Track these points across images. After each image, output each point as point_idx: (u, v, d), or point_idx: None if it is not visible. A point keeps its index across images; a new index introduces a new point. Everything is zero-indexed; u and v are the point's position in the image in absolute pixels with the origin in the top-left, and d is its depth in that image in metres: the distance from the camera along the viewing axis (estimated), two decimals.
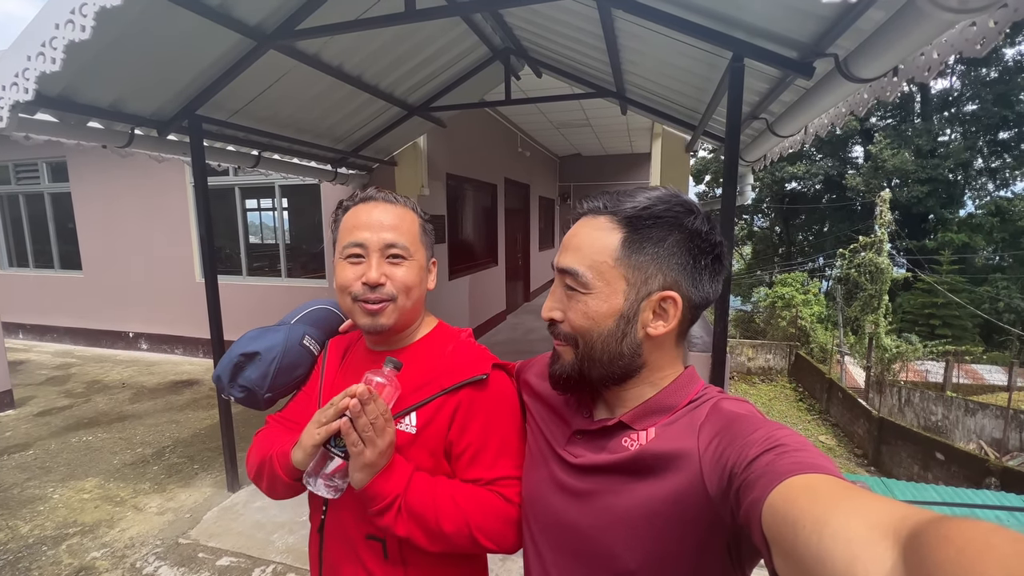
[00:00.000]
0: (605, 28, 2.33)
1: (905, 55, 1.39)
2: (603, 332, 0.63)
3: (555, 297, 0.68)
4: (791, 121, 2.23)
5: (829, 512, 0.37)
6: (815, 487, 0.41)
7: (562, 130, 8.56)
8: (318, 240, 5.55)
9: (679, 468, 0.58)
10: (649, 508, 0.59)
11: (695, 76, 2.56)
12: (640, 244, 0.61)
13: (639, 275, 0.62)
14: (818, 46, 1.63)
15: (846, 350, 13.57)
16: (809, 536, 0.37)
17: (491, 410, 0.82)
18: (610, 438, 0.66)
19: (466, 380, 0.81)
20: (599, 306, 0.62)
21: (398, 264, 0.82)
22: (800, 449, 0.48)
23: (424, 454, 0.81)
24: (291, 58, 2.66)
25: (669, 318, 0.62)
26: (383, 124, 3.98)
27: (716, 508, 0.53)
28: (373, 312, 0.81)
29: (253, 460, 0.87)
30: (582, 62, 3.35)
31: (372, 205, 0.84)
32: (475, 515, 0.75)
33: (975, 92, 18.74)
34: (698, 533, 0.56)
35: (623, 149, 10.51)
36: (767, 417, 0.57)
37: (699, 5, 1.78)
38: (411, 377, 0.83)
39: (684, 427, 0.61)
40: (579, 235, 0.65)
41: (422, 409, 0.81)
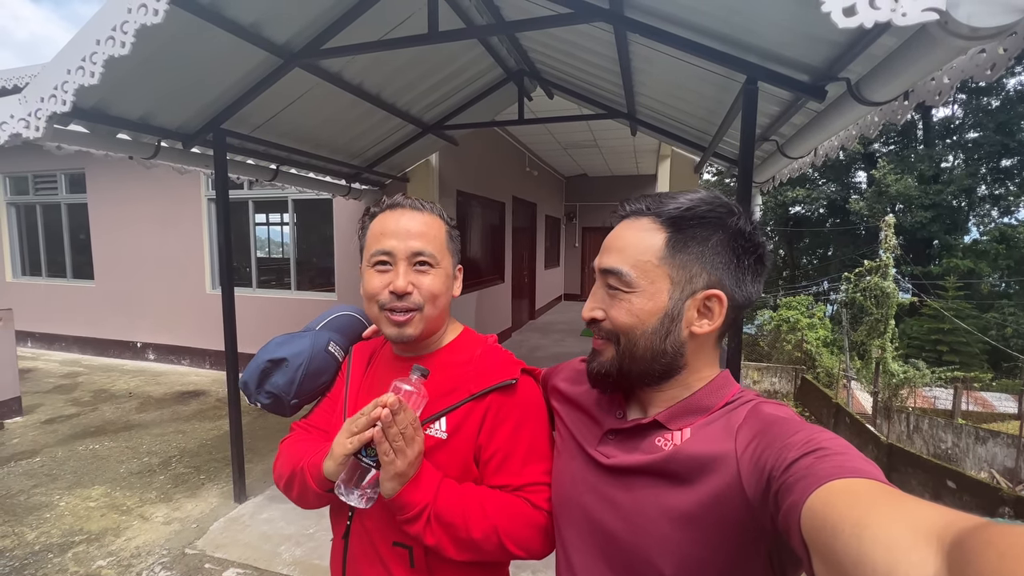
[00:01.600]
0: (620, 51, 2.40)
1: (916, 80, 1.44)
2: (647, 330, 0.63)
3: (596, 298, 0.68)
4: (802, 143, 2.29)
5: (870, 516, 0.37)
6: (856, 491, 0.40)
7: (570, 150, 8.70)
8: (328, 254, 5.61)
9: (716, 471, 0.56)
10: (685, 511, 0.57)
11: (706, 99, 2.63)
12: (684, 243, 0.62)
13: (684, 274, 0.62)
14: (831, 70, 1.68)
15: (853, 375, 13.43)
16: (849, 540, 0.36)
17: (520, 415, 0.82)
18: (643, 438, 0.65)
19: (495, 385, 0.81)
20: (644, 304, 0.62)
21: (425, 272, 0.82)
22: (842, 453, 0.47)
23: (454, 459, 0.81)
24: (315, 76, 2.75)
25: (714, 317, 0.62)
26: (398, 141, 4.07)
27: (755, 512, 0.52)
28: (400, 323, 0.81)
29: (283, 470, 0.86)
30: (594, 84, 3.44)
31: (400, 212, 0.84)
32: (504, 522, 0.75)
33: (976, 120, 18.96)
34: (737, 539, 0.54)
35: (629, 170, 10.64)
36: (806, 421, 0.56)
37: (714, 30, 1.84)
38: (439, 382, 0.83)
39: (721, 429, 0.60)
40: (622, 236, 0.66)
41: (451, 414, 0.81)
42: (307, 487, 0.80)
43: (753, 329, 17.90)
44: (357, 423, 0.71)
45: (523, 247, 8.62)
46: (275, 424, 4.31)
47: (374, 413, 0.69)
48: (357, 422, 0.71)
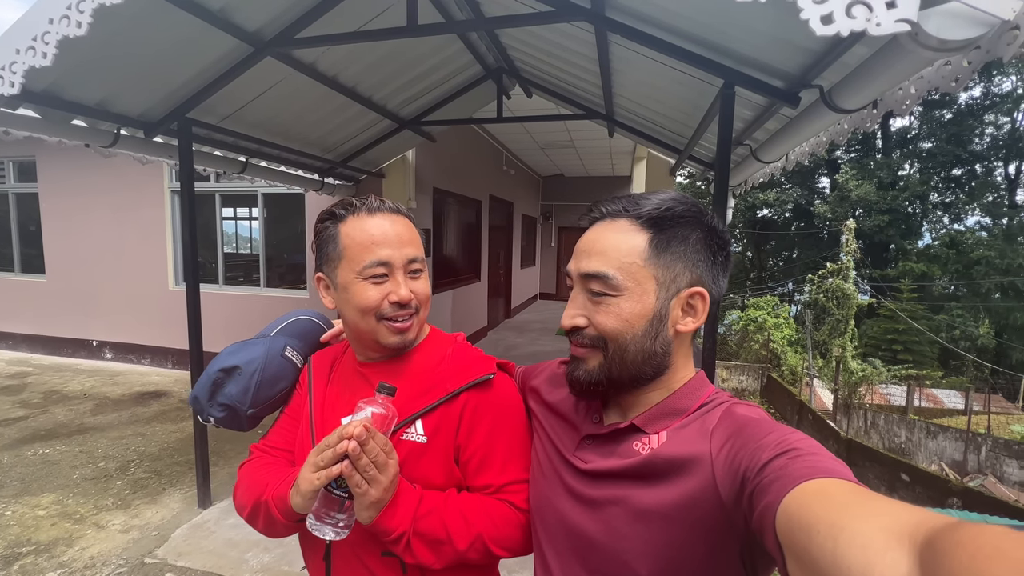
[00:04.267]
0: (600, 52, 2.41)
1: (885, 89, 1.49)
2: (637, 333, 0.62)
3: (577, 304, 0.66)
4: (774, 148, 2.34)
5: (844, 517, 0.37)
6: (829, 492, 0.41)
7: (546, 150, 8.72)
8: (299, 250, 5.46)
9: (691, 473, 0.57)
10: (661, 513, 0.58)
11: (683, 102, 2.67)
12: (667, 243, 0.62)
13: (668, 273, 0.62)
14: (804, 77, 1.73)
15: (815, 373, 13.98)
16: (824, 541, 0.36)
17: (497, 413, 0.81)
18: (621, 442, 0.65)
19: (472, 382, 0.80)
20: (632, 307, 0.62)
21: (417, 278, 0.81)
22: (813, 453, 0.47)
23: (436, 463, 0.78)
24: (287, 66, 2.66)
25: (698, 314, 0.63)
26: (374, 136, 3.99)
27: (729, 513, 0.53)
28: (404, 330, 0.79)
29: (244, 500, 0.81)
30: (573, 84, 3.45)
31: (382, 217, 0.80)
32: (488, 528, 0.75)
33: (931, 131, 19.98)
34: (711, 539, 0.55)
35: (605, 171, 10.75)
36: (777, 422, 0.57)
37: (693, 34, 1.87)
38: (414, 384, 0.81)
39: (696, 431, 0.60)
40: (601, 239, 0.64)
41: (428, 416, 0.79)
42: (274, 520, 0.76)
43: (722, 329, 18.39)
44: (323, 456, 0.65)
45: (499, 246, 8.60)
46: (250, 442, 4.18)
47: (340, 447, 0.64)
48: (323, 455, 0.65)
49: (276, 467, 0.84)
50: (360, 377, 0.86)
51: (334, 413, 0.84)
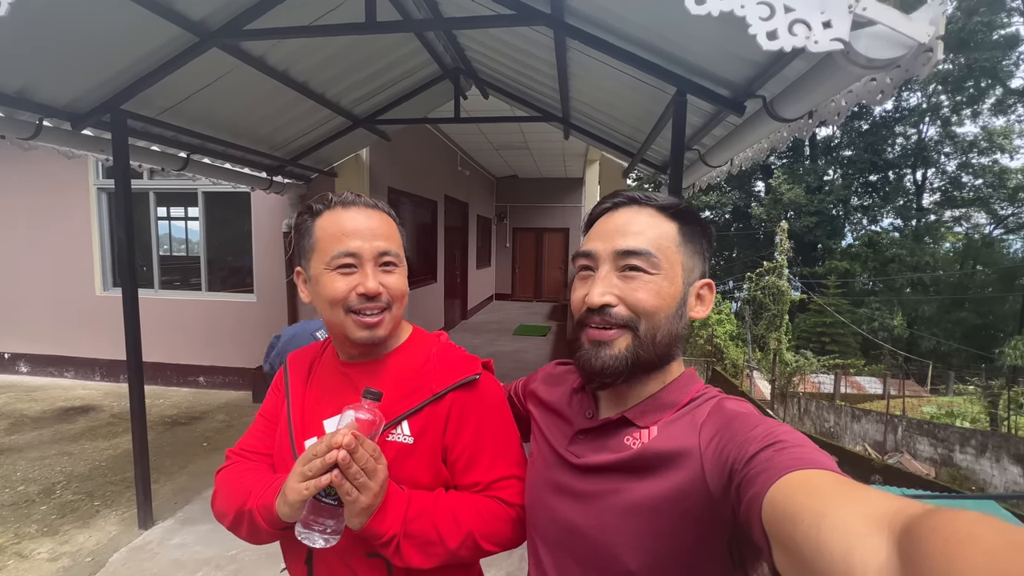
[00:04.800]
0: (558, 56, 2.47)
1: (820, 100, 1.63)
2: (669, 313, 0.64)
3: (607, 282, 0.64)
4: (721, 153, 2.49)
5: (827, 505, 0.38)
6: (814, 482, 0.42)
7: (501, 151, 8.77)
8: (245, 252, 5.20)
9: (681, 466, 0.58)
10: (650, 506, 0.59)
11: (637, 107, 2.78)
12: (690, 235, 0.67)
13: (689, 262, 0.66)
14: (749, 88, 1.85)
15: (754, 365, 14.89)
16: (808, 529, 0.37)
17: (483, 412, 0.82)
18: (612, 436, 0.66)
19: (458, 382, 0.80)
20: (668, 287, 0.64)
21: (391, 272, 0.80)
22: (799, 445, 0.49)
23: (424, 464, 0.79)
24: (235, 58, 2.54)
25: (706, 303, 0.68)
26: (326, 133, 3.87)
27: (717, 505, 0.54)
28: (372, 324, 0.78)
29: (225, 508, 0.79)
30: (530, 86, 3.50)
31: (356, 211, 0.79)
32: (478, 525, 0.76)
33: (851, 140, 21.77)
34: (699, 531, 0.56)
35: (558, 173, 10.95)
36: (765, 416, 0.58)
37: (648, 43, 1.95)
38: (399, 384, 0.81)
39: (686, 425, 0.62)
40: (635, 221, 0.66)
41: (415, 417, 0.79)
42: (259, 529, 0.74)
43: None
44: (311, 466, 0.64)
45: (455, 246, 8.55)
46: (184, 438, 3.92)
47: (329, 457, 0.63)
48: (311, 465, 0.64)
49: (256, 473, 0.82)
50: (342, 377, 0.84)
51: (315, 415, 0.83)
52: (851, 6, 1.22)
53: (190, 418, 4.42)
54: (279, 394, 0.90)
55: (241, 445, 0.89)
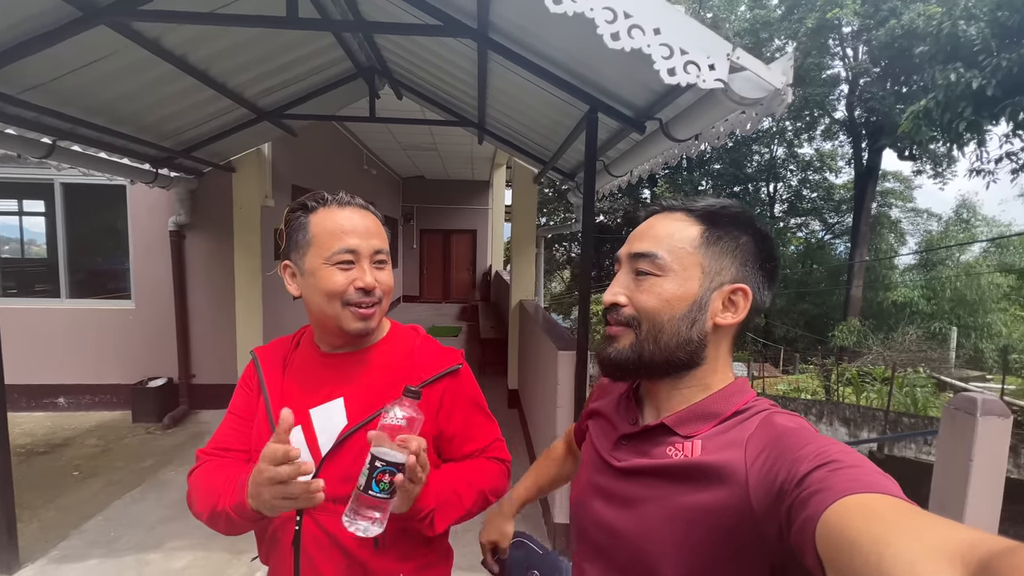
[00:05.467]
0: (480, 67, 2.61)
1: (705, 126, 1.97)
2: (675, 315, 0.62)
3: (620, 283, 0.67)
4: (623, 164, 2.82)
5: (889, 533, 0.36)
6: (873, 507, 0.40)
7: (408, 151, 8.68)
8: (118, 253, 4.59)
9: (723, 481, 0.56)
10: (687, 516, 0.57)
11: (550, 119, 3.02)
12: (718, 237, 0.64)
13: (715, 265, 0.63)
14: (650, 111, 2.15)
15: None
16: (868, 558, 0.35)
17: (468, 394, 0.95)
18: (654, 444, 0.65)
19: (446, 370, 0.91)
20: (674, 289, 0.62)
21: (382, 269, 0.87)
22: (855, 465, 0.46)
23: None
24: (124, 37, 2.30)
25: (739, 310, 0.63)
26: (226, 125, 3.60)
27: (760, 525, 0.51)
28: (367, 316, 0.85)
29: (200, 508, 0.82)
30: (447, 91, 3.60)
31: (352, 211, 0.86)
32: (486, 484, 0.91)
33: (719, 155, 24.81)
34: (737, 548, 0.54)
35: (465, 175, 11.08)
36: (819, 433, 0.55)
37: (566, 64, 2.17)
38: (388, 373, 0.89)
39: (731, 439, 0.59)
40: (656, 225, 0.66)
41: None
42: (236, 523, 0.79)
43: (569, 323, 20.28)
44: (283, 472, 0.67)
45: None
46: (47, 469, 3.39)
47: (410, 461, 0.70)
48: (282, 472, 0.67)
49: (226, 471, 0.84)
50: (326, 368, 0.90)
51: (299, 405, 0.87)
52: (729, 54, 1.53)
53: (51, 446, 3.82)
54: (249, 391, 0.93)
55: (213, 444, 0.91)
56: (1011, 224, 21.21)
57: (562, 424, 2.54)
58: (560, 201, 24.17)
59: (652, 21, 1.50)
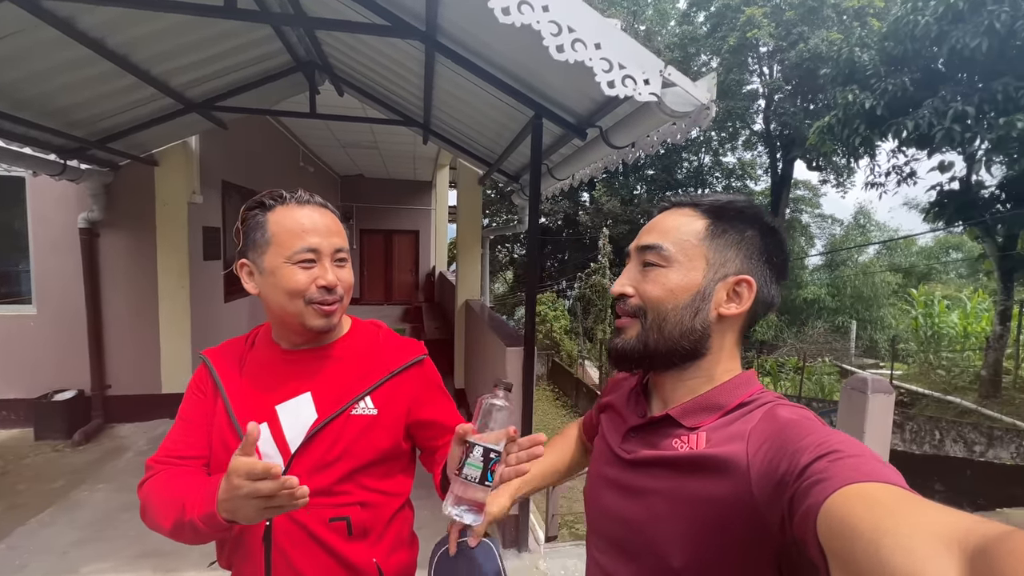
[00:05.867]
0: (427, 68, 2.63)
1: (641, 135, 2.13)
2: (678, 305, 0.64)
3: (628, 275, 0.69)
4: (565, 168, 2.95)
5: (888, 522, 0.36)
6: (874, 495, 0.40)
7: (348, 149, 8.43)
8: (15, 253, 4.12)
9: (727, 474, 0.56)
10: (693, 507, 0.58)
11: (496, 123, 3.09)
12: (724, 230, 0.65)
13: (719, 257, 0.64)
14: (591, 119, 2.29)
15: (586, 354, 16.92)
16: (867, 546, 0.36)
17: (436, 383, 0.99)
18: (661, 436, 0.66)
19: (412, 361, 0.95)
20: (678, 279, 0.64)
21: (343, 267, 0.89)
22: (856, 455, 0.46)
23: (387, 433, 0.90)
24: (33, 15, 2.10)
25: (743, 301, 0.64)
26: (149, 115, 3.35)
27: (762, 516, 0.52)
28: (329, 313, 0.86)
29: (160, 520, 0.79)
30: (391, 90, 3.57)
31: (312, 209, 0.87)
32: None
33: (652, 162, 26.12)
34: (741, 539, 0.54)
35: (407, 175, 10.91)
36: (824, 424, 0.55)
37: (511, 71, 2.26)
38: (354, 366, 0.91)
39: (735, 432, 0.59)
40: (663, 220, 0.68)
41: (376, 392, 0.90)
42: (202, 534, 0.76)
43: (513, 322, 20.51)
44: (264, 489, 0.65)
45: None
46: None
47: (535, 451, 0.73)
48: (263, 488, 0.65)
49: (185, 479, 0.82)
50: (288, 364, 0.90)
51: (262, 403, 0.87)
52: (661, 71, 1.68)
53: None
54: (202, 394, 0.91)
55: (164, 452, 0.88)
56: (898, 229, 24.20)
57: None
58: (503, 202, 24.38)
59: (593, 36, 1.61)
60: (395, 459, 0.93)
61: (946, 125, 7.91)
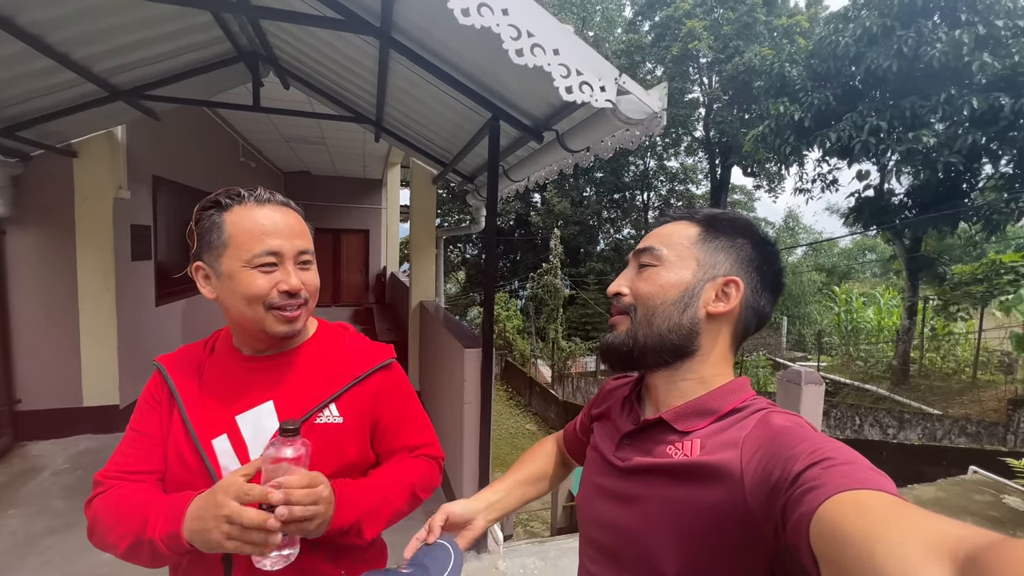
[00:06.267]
0: (380, 65, 2.57)
1: (596, 139, 2.19)
2: (667, 300, 0.66)
3: (624, 276, 0.72)
4: (521, 170, 2.98)
5: (880, 528, 0.36)
6: (866, 503, 0.40)
7: (293, 144, 8.07)
8: None
9: (721, 481, 0.57)
10: (687, 514, 0.59)
11: (451, 123, 3.07)
12: (716, 235, 0.68)
13: (710, 259, 0.67)
14: (548, 122, 2.32)
15: (538, 353, 17.13)
16: (860, 553, 0.36)
17: (402, 388, 0.96)
18: (655, 443, 0.66)
19: (378, 366, 0.91)
20: (668, 276, 0.67)
21: (307, 269, 0.84)
22: (849, 462, 0.47)
23: (353, 440, 0.86)
24: None
25: (730, 300, 0.66)
26: (67, 102, 3.06)
27: (756, 523, 0.52)
28: (292, 319, 0.82)
29: (114, 539, 0.74)
30: (342, 85, 3.46)
31: (272, 208, 0.82)
32: (416, 481, 0.92)
33: (601, 165, 26.83)
34: (734, 546, 0.55)
35: (356, 173, 10.60)
36: (817, 430, 0.56)
37: (469, 72, 2.25)
38: (319, 372, 0.87)
39: (729, 439, 0.60)
40: (661, 229, 0.73)
41: (341, 399, 0.86)
42: (162, 556, 0.72)
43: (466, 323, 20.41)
44: (250, 537, 0.65)
45: None
46: None
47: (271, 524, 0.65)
48: (250, 536, 0.65)
49: (142, 496, 0.77)
50: (249, 372, 0.86)
51: (221, 414, 0.83)
52: (616, 78, 1.73)
53: None
54: (157, 404, 0.85)
55: (114, 466, 0.82)
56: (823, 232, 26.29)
57: (469, 420, 2.61)
58: (455, 202, 24.22)
59: (552, 42, 1.64)
60: (362, 469, 0.90)
61: (863, 138, 8.68)
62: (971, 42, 7.72)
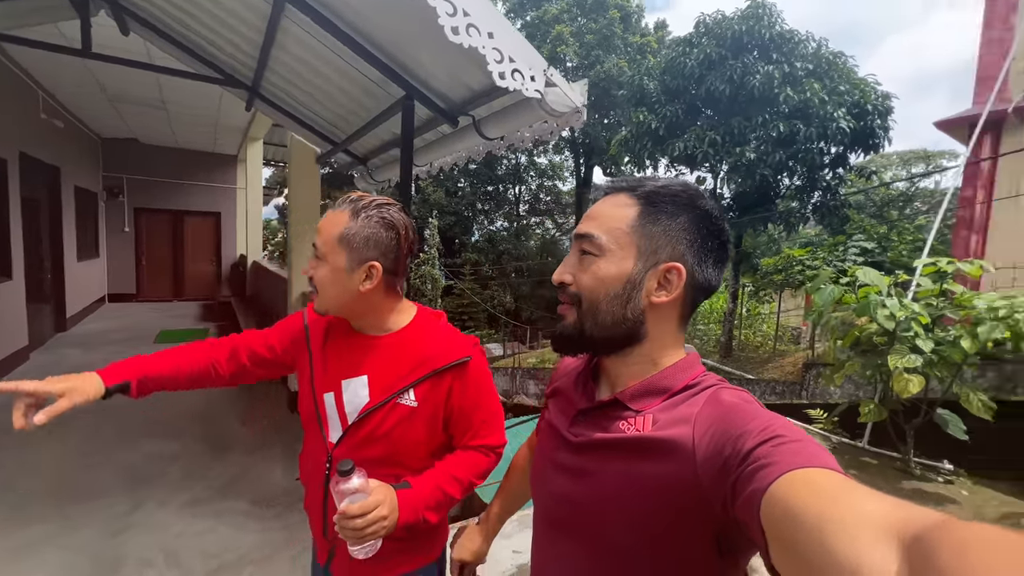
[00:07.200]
0: (271, 22, 2.26)
1: (513, 129, 2.21)
2: (609, 294, 0.65)
3: (568, 263, 0.70)
4: (427, 154, 2.88)
5: (831, 508, 0.38)
6: (817, 481, 0.42)
7: (117, 104, 6.65)
8: None
9: (673, 456, 0.58)
10: (639, 486, 0.60)
11: (349, 98, 2.83)
12: (655, 217, 0.65)
13: (650, 245, 0.65)
14: (464, 107, 2.28)
15: None
16: (811, 532, 0.37)
17: (478, 383, 1.02)
18: (609, 419, 0.67)
19: (454, 362, 0.99)
20: (609, 268, 0.65)
21: (316, 266, 0.99)
22: (797, 440, 0.48)
23: (424, 424, 0.98)
24: None
25: (672, 288, 0.64)
26: None
27: (705, 497, 0.54)
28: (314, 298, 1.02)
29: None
30: (209, 39, 2.95)
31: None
32: (472, 475, 1.02)
33: None
34: (685, 521, 0.57)
35: (204, 146, 9.14)
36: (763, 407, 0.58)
37: (381, 44, 2.09)
38: (407, 358, 0.99)
39: (681, 415, 0.61)
40: (599, 208, 0.69)
41: (419, 386, 0.98)
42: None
43: None
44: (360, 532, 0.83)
45: (41, 229, 5.96)
46: None
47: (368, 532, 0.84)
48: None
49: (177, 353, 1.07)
50: (354, 345, 1.03)
51: (334, 374, 1.02)
52: (545, 70, 1.78)
53: None
54: (299, 342, 1.09)
55: (242, 337, 1.13)
56: None
57: None
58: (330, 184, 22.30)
59: (487, 24, 1.62)
60: (433, 448, 1.02)
61: (703, 149, 10.16)
62: (780, 77, 9.51)
